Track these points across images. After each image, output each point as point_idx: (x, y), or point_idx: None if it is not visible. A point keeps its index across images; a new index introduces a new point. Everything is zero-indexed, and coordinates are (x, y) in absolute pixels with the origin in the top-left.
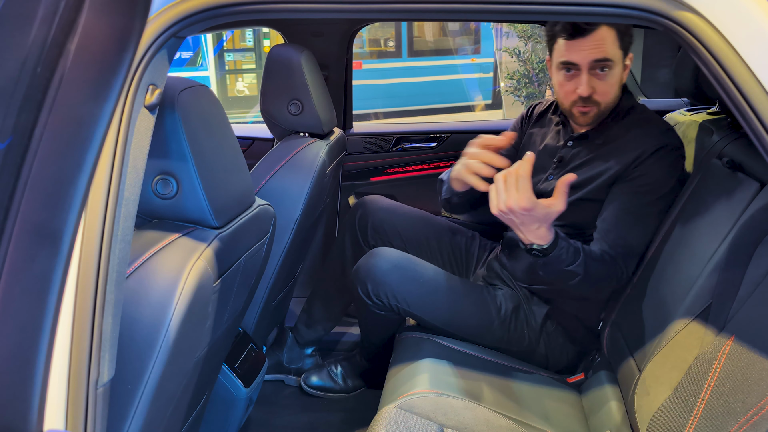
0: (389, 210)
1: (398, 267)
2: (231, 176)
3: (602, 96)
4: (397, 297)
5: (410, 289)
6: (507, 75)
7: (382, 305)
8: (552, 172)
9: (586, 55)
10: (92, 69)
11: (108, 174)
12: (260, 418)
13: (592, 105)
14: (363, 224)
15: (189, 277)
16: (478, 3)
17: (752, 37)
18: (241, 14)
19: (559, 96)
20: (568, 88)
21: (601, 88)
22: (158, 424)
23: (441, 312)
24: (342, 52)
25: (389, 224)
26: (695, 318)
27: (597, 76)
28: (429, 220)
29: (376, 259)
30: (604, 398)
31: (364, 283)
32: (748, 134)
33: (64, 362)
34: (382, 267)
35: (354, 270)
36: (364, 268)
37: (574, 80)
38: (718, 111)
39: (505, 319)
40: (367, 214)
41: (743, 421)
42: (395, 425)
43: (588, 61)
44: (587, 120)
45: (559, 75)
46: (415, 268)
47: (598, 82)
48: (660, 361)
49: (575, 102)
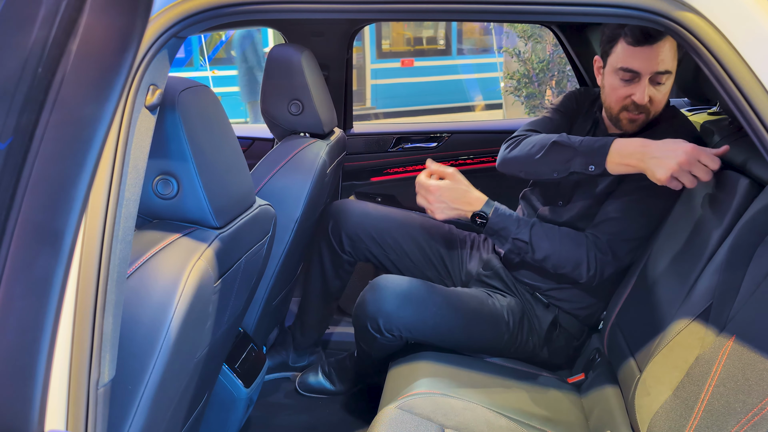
0: (362, 215)
1: (409, 299)
2: (231, 176)
3: (655, 105)
4: (411, 330)
5: (424, 319)
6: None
7: (393, 338)
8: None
9: (650, 65)
10: (93, 69)
11: (109, 174)
12: (260, 418)
13: (643, 112)
14: (337, 234)
15: (189, 278)
16: (478, 3)
17: (753, 38)
18: (241, 14)
19: (610, 99)
20: (622, 93)
21: (656, 97)
22: (159, 424)
23: (456, 336)
24: (342, 52)
25: (364, 231)
26: (696, 318)
27: (655, 86)
28: (402, 222)
29: (383, 293)
30: (605, 398)
31: (375, 320)
32: (749, 134)
33: (65, 363)
34: (392, 302)
35: (359, 304)
36: (371, 304)
37: (631, 86)
38: (719, 111)
39: (514, 331)
40: (339, 223)
41: (744, 421)
42: (395, 425)
43: (651, 71)
44: (634, 128)
45: (614, 79)
46: (424, 296)
47: (655, 92)
48: (660, 362)
49: (626, 107)
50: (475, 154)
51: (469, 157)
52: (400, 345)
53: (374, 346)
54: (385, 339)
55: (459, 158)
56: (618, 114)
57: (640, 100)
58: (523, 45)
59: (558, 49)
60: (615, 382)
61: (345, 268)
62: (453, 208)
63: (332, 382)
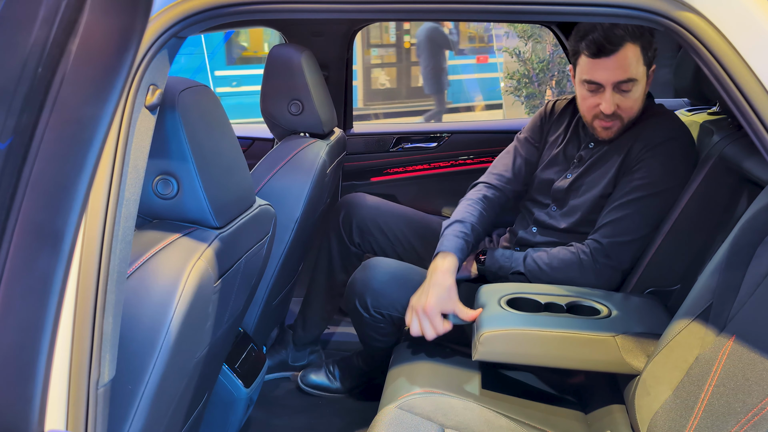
0: (373, 208)
1: (395, 277)
2: (231, 176)
3: (626, 111)
4: (397, 307)
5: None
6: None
7: (381, 318)
8: (571, 171)
9: (610, 75)
10: (93, 69)
11: (109, 174)
12: (260, 418)
13: (616, 119)
14: (347, 224)
15: (189, 278)
16: (478, 3)
17: (753, 37)
18: (241, 14)
19: (581, 109)
20: (591, 103)
21: (626, 104)
22: (159, 424)
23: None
24: (342, 52)
25: (374, 223)
26: (696, 318)
27: (621, 94)
28: (413, 218)
29: (373, 271)
30: (605, 399)
31: (363, 297)
32: (748, 134)
33: (65, 362)
34: (380, 279)
35: (350, 283)
36: (360, 281)
37: (597, 96)
38: (719, 111)
39: None
40: (351, 214)
41: (744, 421)
42: (395, 425)
43: (612, 82)
44: (609, 134)
45: (582, 89)
46: (411, 276)
47: (622, 99)
48: (661, 362)
49: (597, 115)
50: (475, 154)
51: (469, 157)
52: (389, 330)
53: (365, 329)
54: (373, 319)
55: (459, 158)
56: (591, 122)
57: (606, 110)
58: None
59: (558, 49)
60: (615, 383)
61: (352, 262)
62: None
63: (335, 380)
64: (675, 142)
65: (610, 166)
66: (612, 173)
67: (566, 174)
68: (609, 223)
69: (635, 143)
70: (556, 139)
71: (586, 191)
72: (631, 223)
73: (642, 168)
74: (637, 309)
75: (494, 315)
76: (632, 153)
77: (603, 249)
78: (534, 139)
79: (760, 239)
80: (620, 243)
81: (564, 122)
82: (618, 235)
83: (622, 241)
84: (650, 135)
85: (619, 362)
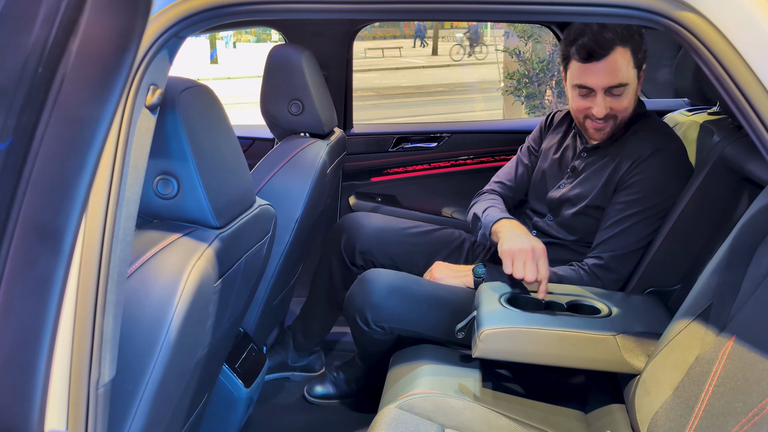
0: (376, 230)
1: (395, 291)
2: (232, 176)
3: (620, 112)
4: (397, 320)
5: (410, 308)
6: (507, 75)
7: (381, 332)
8: (565, 181)
9: (600, 80)
10: (93, 69)
11: (109, 174)
12: (260, 418)
13: (609, 120)
14: (350, 248)
15: (190, 278)
16: (478, 3)
17: (753, 37)
18: (241, 14)
19: (573, 112)
20: (582, 106)
21: (618, 107)
22: (159, 424)
23: (443, 327)
24: (342, 52)
25: (377, 247)
26: (696, 318)
27: (612, 96)
28: (414, 233)
29: (370, 285)
30: (604, 399)
31: (362, 312)
32: (749, 134)
33: (65, 362)
34: (379, 293)
35: (348, 298)
36: (359, 296)
37: (588, 100)
38: (719, 111)
39: None
40: (353, 238)
41: (744, 422)
42: (395, 425)
43: (604, 86)
44: (602, 136)
45: (573, 94)
46: (411, 286)
47: (615, 102)
48: (661, 362)
49: (589, 117)
50: (475, 154)
51: (469, 157)
52: (391, 340)
53: (366, 341)
54: (375, 333)
55: (459, 158)
56: (583, 123)
57: (598, 113)
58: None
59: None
60: (615, 382)
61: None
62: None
63: (342, 385)
64: (664, 152)
65: (599, 178)
66: (600, 185)
67: (560, 184)
68: (608, 239)
69: (624, 156)
70: (550, 148)
71: (577, 202)
72: (630, 236)
73: (635, 183)
74: (637, 308)
75: (495, 312)
76: (622, 166)
77: (604, 265)
78: (535, 148)
79: (760, 239)
80: (621, 255)
81: (560, 132)
82: (618, 249)
83: (623, 254)
84: (638, 147)
85: (619, 361)
